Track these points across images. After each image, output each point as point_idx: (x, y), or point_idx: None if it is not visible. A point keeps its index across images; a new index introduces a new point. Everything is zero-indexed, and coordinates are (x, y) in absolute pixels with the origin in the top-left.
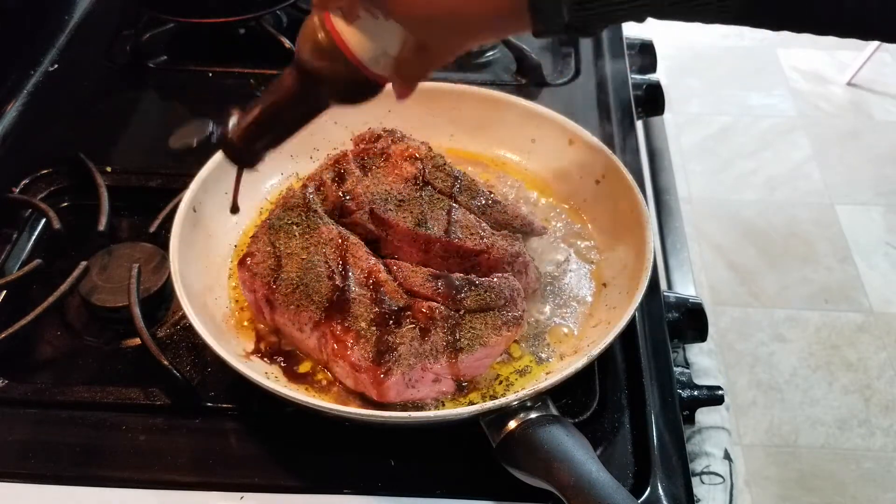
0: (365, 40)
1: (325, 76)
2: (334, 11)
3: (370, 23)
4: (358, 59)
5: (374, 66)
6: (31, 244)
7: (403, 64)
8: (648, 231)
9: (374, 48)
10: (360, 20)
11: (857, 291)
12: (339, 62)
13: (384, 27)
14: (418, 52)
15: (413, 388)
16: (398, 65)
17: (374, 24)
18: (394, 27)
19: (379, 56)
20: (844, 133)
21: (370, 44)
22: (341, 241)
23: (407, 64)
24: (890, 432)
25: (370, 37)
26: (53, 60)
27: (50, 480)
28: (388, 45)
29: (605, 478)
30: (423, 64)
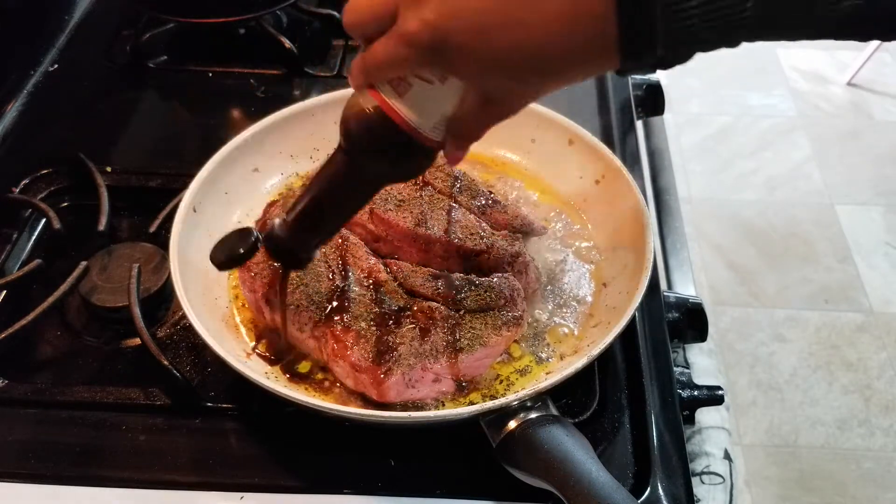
0: (421, 108)
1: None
2: (381, 86)
3: (425, 88)
4: (417, 131)
5: (431, 133)
6: (31, 244)
7: (462, 124)
8: (648, 231)
9: (432, 114)
10: (413, 88)
11: (857, 291)
12: (395, 138)
13: (441, 90)
14: (481, 109)
15: (413, 388)
16: (456, 126)
17: (429, 88)
18: (452, 87)
19: (436, 121)
20: (844, 133)
21: (427, 111)
22: (341, 241)
23: (466, 124)
24: (890, 432)
25: (427, 104)
26: (53, 60)
27: (50, 480)
28: (445, 107)
29: (605, 478)
30: (486, 120)
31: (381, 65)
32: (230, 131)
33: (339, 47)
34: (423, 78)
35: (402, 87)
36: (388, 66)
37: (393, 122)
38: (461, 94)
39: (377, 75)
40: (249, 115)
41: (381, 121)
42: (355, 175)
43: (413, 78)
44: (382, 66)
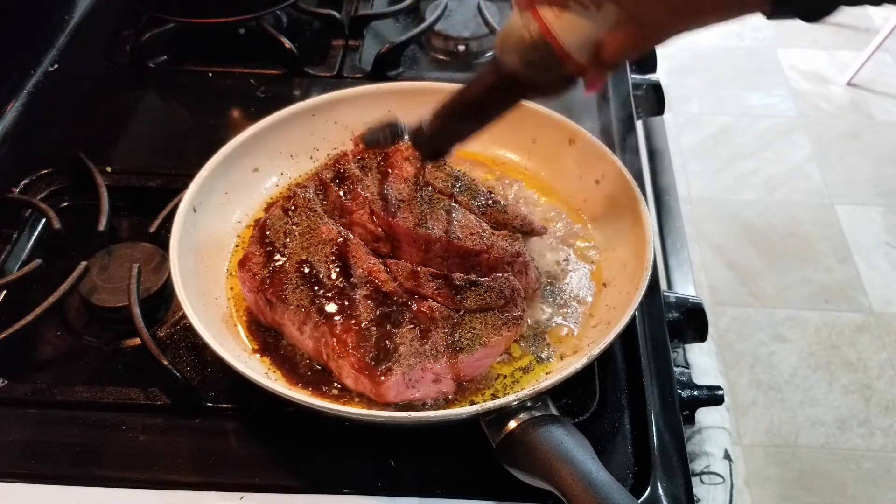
0: (575, 30)
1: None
2: (542, 5)
3: (581, 13)
4: (567, 51)
5: (579, 55)
6: (31, 244)
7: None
8: (648, 231)
9: (585, 38)
10: (571, 10)
11: (857, 291)
12: (545, 53)
13: (595, 15)
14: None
15: (413, 388)
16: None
17: (584, 13)
18: (606, 14)
19: (586, 45)
20: (844, 133)
21: (581, 34)
22: (341, 241)
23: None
24: (890, 432)
25: (580, 26)
26: (53, 60)
27: (50, 480)
28: (597, 33)
29: (605, 478)
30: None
31: None
32: (230, 131)
33: (339, 47)
34: (581, 2)
35: (561, 9)
36: None
37: (545, 39)
38: (612, 22)
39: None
40: (249, 115)
41: (536, 37)
42: (502, 84)
43: (571, 2)
44: None
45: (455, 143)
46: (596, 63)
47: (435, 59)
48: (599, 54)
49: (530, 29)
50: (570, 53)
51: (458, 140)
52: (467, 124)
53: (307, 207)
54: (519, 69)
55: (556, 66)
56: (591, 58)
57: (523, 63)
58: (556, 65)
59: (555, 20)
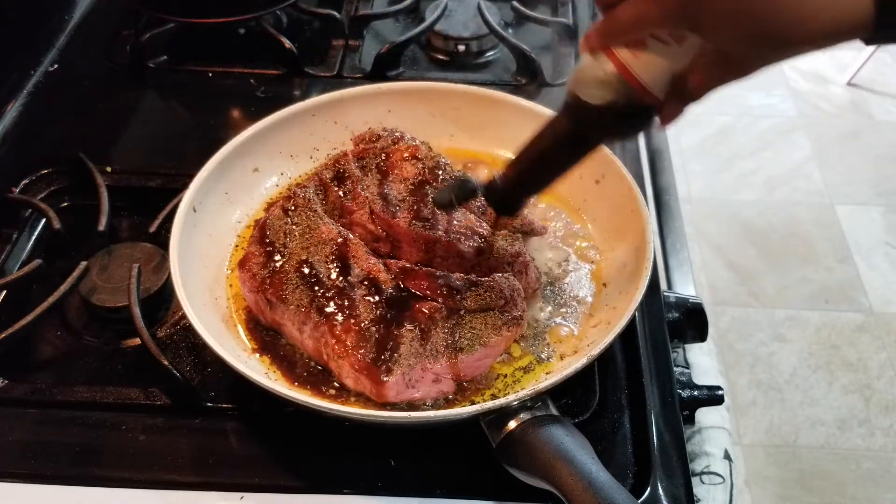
0: (655, 67)
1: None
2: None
3: (661, 49)
4: (649, 90)
5: (660, 92)
6: (31, 244)
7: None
8: (648, 231)
9: (663, 73)
10: (649, 48)
11: (857, 291)
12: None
13: (677, 51)
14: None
15: (413, 388)
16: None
17: (664, 50)
18: (689, 48)
19: (665, 80)
20: (844, 133)
21: (660, 70)
22: (341, 241)
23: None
24: (890, 432)
25: (660, 63)
26: (53, 60)
27: (50, 480)
28: (678, 67)
29: (605, 478)
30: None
31: (626, 26)
32: (230, 131)
33: (339, 47)
34: (661, 39)
35: (638, 49)
36: (633, 26)
37: (625, 80)
38: (694, 54)
39: (619, 37)
40: (249, 115)
41: (613, 80)
42: (579, 133)
43: (650, 39)
44: (627, 26)
45: (530, 197)
46: (676, 97)
47: (435, 59)
48: (681, 88)
49: (606, 70)
50: (653, 92)
51: (533, 193)
52: (542, 176)
53: (307, 207)
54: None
55: (637, 106)
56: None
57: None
58: (637, 104)
59: (633, 60)
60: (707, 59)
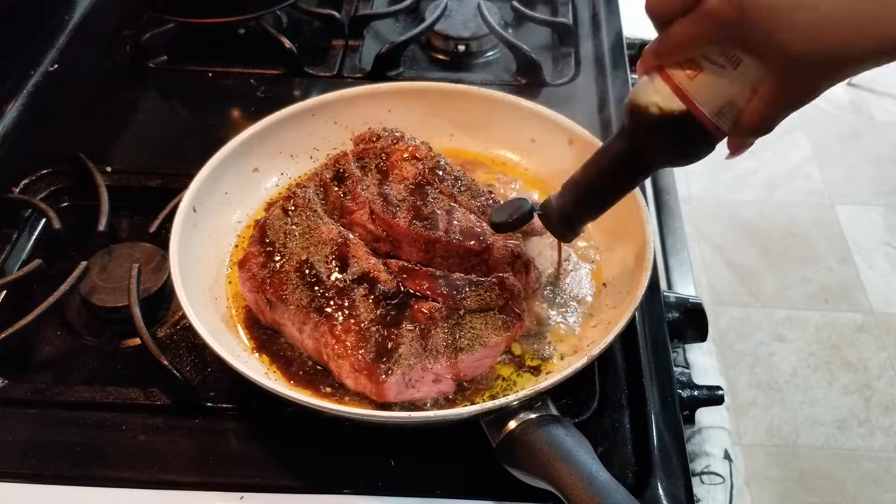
0: (712, 93)
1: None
2: (671, 67)
3: (716, 72)
4: (705, 115)
5: (719, 120)
6: (31, 244)
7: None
8: (648, 231)
9: (723, 100)
10: (704, 71)
11: (857, 291)
12: (681, 120)
13: (733, 75)
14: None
15: (413, 388)
16: (748, 115)
17: (720, 73)
18: (745, 72)
19: (725, 108)
20: (844, 133)
21: (718, 96)
22: (341, 241)
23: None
24: (890, 432)
25: (718, 88)
26: (53, 60)
27: (50, 480)
28: (736, 94)
29: (606, 478)
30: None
31: (678, 45)
32: (230, 131)
33: (339, 47)
34: (716, 61)
35: (692, 71)
36: (686, 45)
37: (680, 103)
38: (753, 82)
39: (672, 56)
40: (249, 115)
41: (669, 102)
42: (635, 156)
43: (704, 62)
44: (679, 45)
45: (587, 221)
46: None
47: (435, 59)
48: (741, 119)
49: (661, 92)
50: (711, 119)
51: (591, 217)
52: (598, 200)
53: (307, 207)
54: (653, 139)
55: (696, 134)
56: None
57: (659, 132)
58: (696, 132)
59: (689, 83)
60: (767, 86)
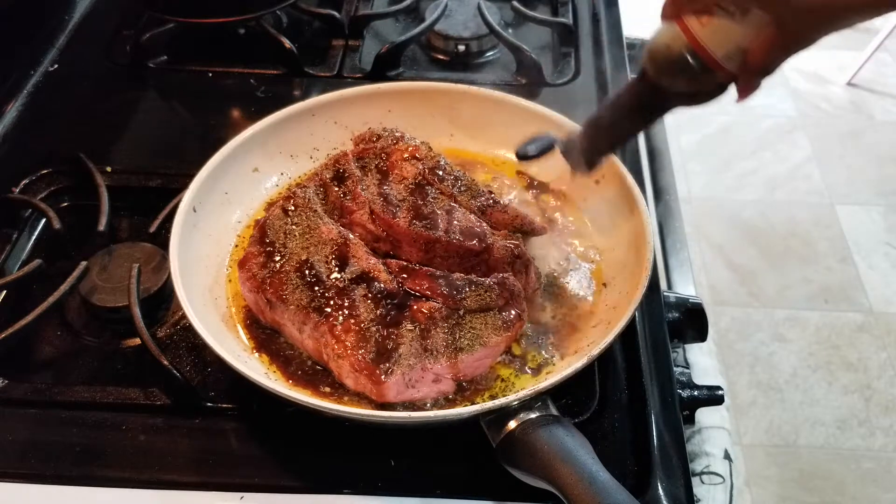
0: (722, 38)
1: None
2: (688, 15)
3: (727, 20)
4: (715, 59)
5: (728, 63)
6: (31, 244)
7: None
8: (648, 231)
9: (732, 45)
10: (716, 19)
11: (857, 291)
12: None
13: (742, 22)
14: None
15: (413, 388)
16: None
17: (730, 21)
18: (752, 20)
19: (734, 53)
20: (844, 133)
21: (728, 41)
22: (341, 241)
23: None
24: (890, 432)
25: (728, 35)
26: (53, 60)
27: (50, 480)
28: (744, 40)
29: (606, 478)
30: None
31: None
32: (230, 131)
33: (339, 47)
34: (727, 10)
35: (706, 19)
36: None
37: (692, 47)
38: (758, 28)
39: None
40: (249, 115)
41: (682, 45)
42: (651, 94)
43: (717, 9)
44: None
45: (606, 154)
46: (745, 70)
47: (435, 59)
48: (749, 61)
49: (677, 38)
50: (720, 62)
51: (610, 150)
52: (618, 134)
53: (307, 207)
54: (668, 80)
55: (707, 76)
56: (741, 65)
57: (673, 74)
58: (707, 74)
59: (701, 29)
60: (769, 31)
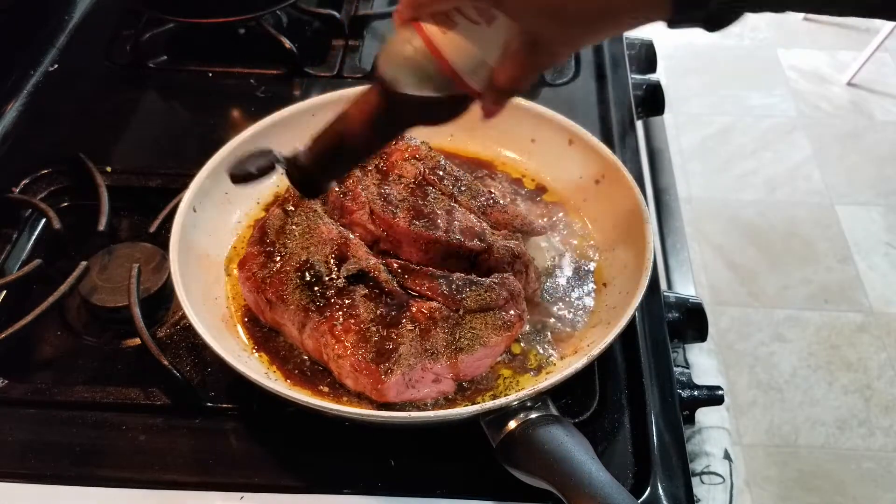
0: (464, 49)
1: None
2: (426, 20)
3: (470, 29)
4: (456, 72)
5: (471, 78)
6: (31, 244)
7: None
8: (648, 231)
9: (475, 57)
10: (458, 27)
11: (857, 291)
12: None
13: (486, 32)
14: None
15: (413, 388)
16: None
17: (474, 29)
18: (498, 31)
19: (478, 66)
20: (844, 133)
21: (470, 52)
22: (341, 241)
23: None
24: (890, 432)
25: (470, 45)
26: (53, 60)
27: (50, 480)
28: (489, 52)
29: (605, 478)
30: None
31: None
32: (230, 131)
33: (339, 47)
34: (469, 17)
35: (448, 25)
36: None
37: (432, 58)
38: (505, 39)
39: (425, 8)
40: (249, 115)
41: (421, 56)
42: (386, 113)
43: (459, 16)
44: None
45: (334, 178)
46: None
47: None
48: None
49: (414, 45)
50: (461, 75)
51: (338, 175)
52: (347, 156)
53: (307, 207)
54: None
55: (445, 88)
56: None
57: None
58: (445, 86)
59: (441, 37)
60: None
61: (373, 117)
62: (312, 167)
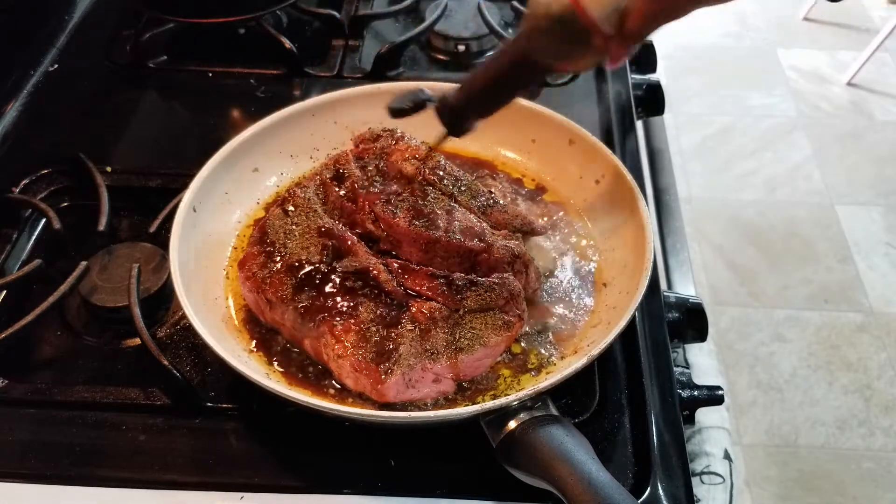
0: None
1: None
2: None
3: None
4: (592, 20)
5: (604, 25)
6: (31, 244)
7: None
8: (648, 231)
9: (608, 6)
10: None
11: (857, 291)
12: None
13: None
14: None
15: (413, 388)
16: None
17: None
18: None
19: (610, 14)
20: (844, 133)
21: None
22: (341, 241)
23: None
24: (890, 432)
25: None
26: (53, 60)
27: (50, 480)
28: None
29: (605, 478)
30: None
31: None
32: (230, 131)
33: (339, 47)
34: None
35: None
36: None
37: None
38: None
39: None
40: (249, 115)
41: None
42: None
43: None
44: None
45: (479, 118)
46: (620, 35)
47: (435, 59)
48: (624, 25)
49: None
50: (597, 23)
51: (483, 115)
52: (492, 98)
53: (307, 207)
54: (544, 41)
55: (582, 38)
56: (617, 29)
57: (549, 34)
58: (583, 36)
59: None
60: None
61: (515, 65)
62: (463, 105)
